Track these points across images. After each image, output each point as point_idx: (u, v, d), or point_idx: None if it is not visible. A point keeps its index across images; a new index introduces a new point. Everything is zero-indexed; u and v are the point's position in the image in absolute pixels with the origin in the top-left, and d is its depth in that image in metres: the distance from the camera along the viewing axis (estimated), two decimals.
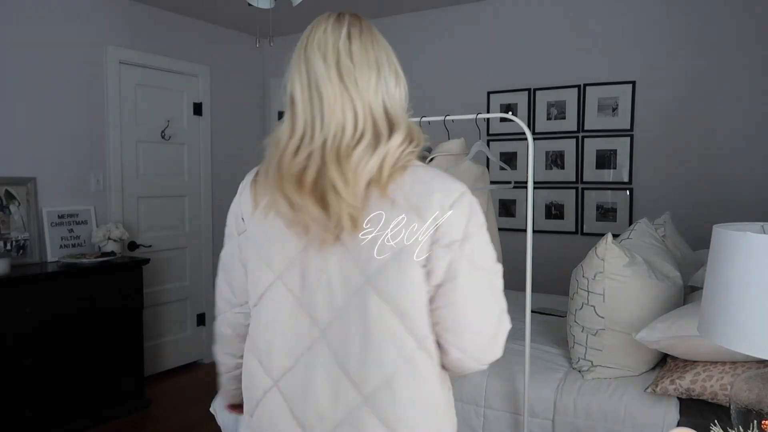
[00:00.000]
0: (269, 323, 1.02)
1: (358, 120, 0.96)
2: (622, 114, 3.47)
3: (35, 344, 2.88)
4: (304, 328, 0.99)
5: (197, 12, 4.07)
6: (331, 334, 0.97)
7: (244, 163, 4.42)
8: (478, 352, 0.99)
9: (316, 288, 0.98)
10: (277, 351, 1.01)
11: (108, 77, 3.64)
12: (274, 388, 1.01)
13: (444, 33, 4.03)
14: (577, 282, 2.02)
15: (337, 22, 1.02)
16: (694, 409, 1.74)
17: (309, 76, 0.99)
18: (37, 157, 3.32)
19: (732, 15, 3.17)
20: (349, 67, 0.98)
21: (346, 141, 0.95)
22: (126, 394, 3.32)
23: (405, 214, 0.94)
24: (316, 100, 0.98)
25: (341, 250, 0.96)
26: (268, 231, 1.02)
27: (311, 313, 0.98)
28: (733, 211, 3.16)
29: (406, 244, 0.94)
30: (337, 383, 0.96)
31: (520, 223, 3.79)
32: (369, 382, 0.94)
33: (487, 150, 2.59)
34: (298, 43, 1.05)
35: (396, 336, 0.94)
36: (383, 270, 0.94)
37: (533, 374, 2.01)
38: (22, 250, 3.20)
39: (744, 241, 0.99)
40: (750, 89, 3.14)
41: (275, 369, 1.01)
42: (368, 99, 0.98)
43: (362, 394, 0.95)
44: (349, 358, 0.95)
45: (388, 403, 0.94)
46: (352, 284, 0.95)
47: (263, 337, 1.03)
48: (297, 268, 0.99)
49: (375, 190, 0.95)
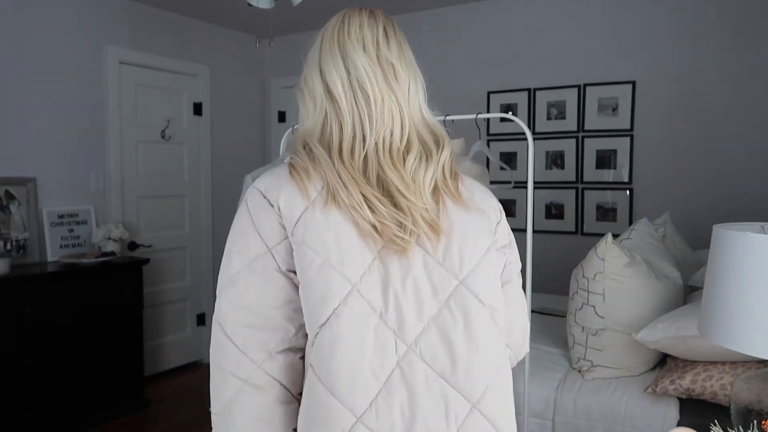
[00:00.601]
0: (349, 345, 0.84)
1: (404, 126, 0.94)
2: (622, 114, 3.47)
3: (35, 344, 2.88)
4: (388, 346, 0.86)
5: (197, 12, 4.07)
6: (422, 346, 0.87)
7: (244, 163, 4.43)
8: (519, 350, 1.07)
9: (402, 297, 0.87)
10: (361, 378, 0.84)
11: (108, 77, 3.64)
12: (359, 425, 0.84)
13: (444, 33, 4.03)
14: (577, 282, 2.02)
15: (372, 17, 0.98)
16: (694, 409, 1.74)
17: (349, 70, 0.93)
18: (37, 157, 3.32)
19: (732, 15, 3.17)
20: (390, 66, 0.95)
21: (395, 146, 0.92)
22: (126, 394, 3.32)
23: (480, 217, 0.96)
24: (362, 98, 0.93)
25: (422, 254, 0.89)
26: (336, 232, 0.87)
27: (395, 326, 0.86)
28: (733, 211, 3.16)
29: (489, 244, 0.95)
30: (444, 397, 0.87)
31: (520, 223, 3.78)
32: (478, 386, 0.90)
33: (487, 150, 2.59)
34: (326, 34, 0.98)
35: (494, 335, 0.93)
36: (476, 271, 0.92)
37: (533, 374, 2.01)
38: (22, 250, 3.20)
39: (744, 241, 0.99)
40: (750, 89, 3.14)
41: (360, 401, 0.84)
42: (408, 102, 0.95)
43: (471, 400, 0.89)
44: (456, 366, 0.88)
45: (495, 403, 0.92)
46: (444, 289, 0.89)
47: (342, 363, 0.84)
48: (376, 276, 0.87)
49: (447, 198, 0.94)
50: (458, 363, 0.88)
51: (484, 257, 0.93)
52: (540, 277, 3.55)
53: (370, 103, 0.92)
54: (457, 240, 0.92)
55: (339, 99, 0.93)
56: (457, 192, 0.95)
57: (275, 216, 0.89)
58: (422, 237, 0.89)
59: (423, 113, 0.97)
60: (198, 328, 4.30)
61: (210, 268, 4.34)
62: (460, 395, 0.88)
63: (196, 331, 4.28)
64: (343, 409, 0.84)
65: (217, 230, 4.34)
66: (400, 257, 0.88)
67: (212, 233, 4.34)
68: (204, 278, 4.32)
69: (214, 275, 4.31)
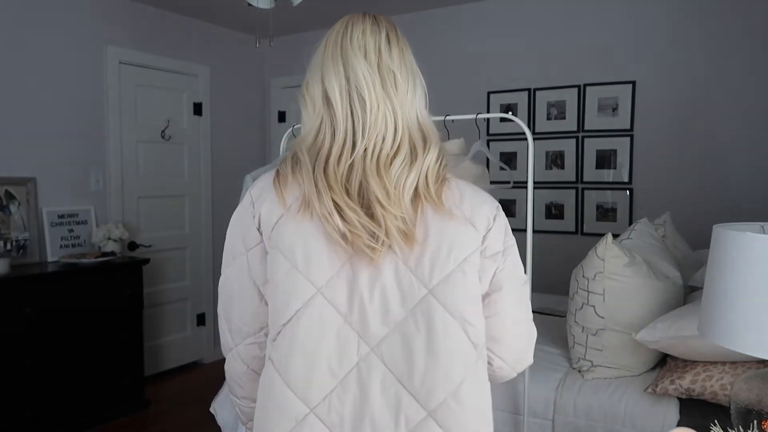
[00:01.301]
0: (307, 343, 0.91)
1: (398, 131, 0.95)
2: (622, 114, 3.47)
3: (35, 344, 2.88)
4: (350, 346, 0.91)
5: (197, 12, 4.07)
6: (384, 350, 0.91)
7: (244, 163, 4.43)
8: (515, 360, 1.04)
9: (368, 302, 0.91)
10: (318, 374, 0.91)
11: (108, 77, 3.64)
12: (311, 416, 0.91)
13: (444, 33, 4.03)
14: (577, 282, 2.02)
15: (375, 24, 1.00)
16: (694, 409, 1.74)
17: (348, 77, 0.96)
18: (37, 157, 3.32)
19: (732, 15, 3.17)
20: (391, 73, 0.97)
21: (385, 151, 0.94)
22: (126, 394, 3.32)
23: (462, 225, 0.95)
24: (358, 105, 0.95)
25: (395, 261, 0.92)
26: (305, 239, 0.92)
27: (360, 329, 0.92)
28: (733, 211, 3.16)
29: (467, 254, 0.95)
30: (397, 400, 0.91)
31: (520, 223, 3.78)
32: (436, 395, 0.91)
33: (487, 150, 2.58)
34: (329, 40, 1.00)
35: (463, 347, 0.93)
36: (448, 281, 0.93)
37: (533, 374, 2.01)
38: (22, 250, 3.20)
39: (744, 241, 0.99)
40: (750, 89, 3.14)
41: (314, 394, 0.91)
42: (406, 109, 0.97)
43: (428, 408, 0.91)
44: (413, 373, 0.91)
45: (454, 415, 0.92)
46: (412, 297, 0.92)
47: (298, 360, 0.92)
48: (343, 281, 0.92)
49: (428, 204, 0.94)
50: (415, 370, 0.91)
51: (459, 267, 0.93)
52: (540, 277, 3.55)
53: (366, 109, 0.94)
54: (431, 249, 0.93)
55: (336, 105, 0.95)
56: (440, 199, 0.94)
57: (254, 223, 0.97)
58: (395, 245, 0.91)
59: (419, 118, 0.99)
60: (198, 328, 4.30)
61: (210, 268, 4.33)
62: (416, 401, 0.91)
63: (196, 331, 4.28)
64: (297, 400, 0.92)
65: (217, 230, 4.34)
66: (369, 264, 0.91)
67: (212, 233, 4.34)
68: (204, 278, 4.32)
69: (214, 275, 4.31)
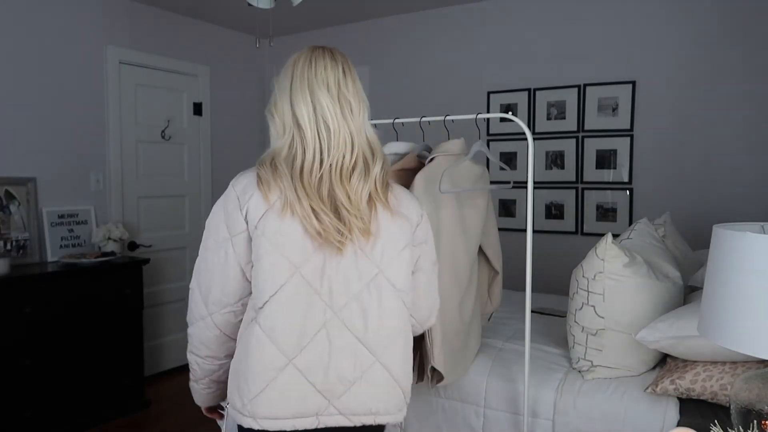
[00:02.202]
0: (287, 309, 1.18)
1: (354, 149, 1.23)
2: (622, 114, 3.47)
3: (35, 344, 2.88)
4: (318, 311, 1.19)
5: (197, 12, 4.07)
6: (345, 314, 1.21)
7: (244, 164, 4.43)
8: (424, 321, 1.44)
9: (334, 278, 1.20)
10: (295, 332, 1.18)
11: (108, 77, 3.64)
12: (290, 365, 1.18)
13: (444, 33, 4.03)
14: (577, 282, 2.02)
15: (333, 60, 1.26)
16: (694, 409, 1.74)
17: (315, 107, 1.22)
18: (37, 157, 3.32)
19: (732, 15, 3.17)
20: (348, 102, 1.24)
21: (345, 166, 1.21)
22: (126, 394, 3.32)
23: (403, 220, 1.28)
24: (324, 131, 1.21)
25: (354, 249, 1.22)
26: (287, 231, 1.18)
27: (326, 299, 1.20)
28: (733, 211, 3.16)
29: (406, 243, 1.28)
30: (354, 351, 1.22)
31: (520, 223, 3.79)
32: (380, 345, 1.24)
33: (487, 150, 2.58)
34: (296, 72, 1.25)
35: (401, 310, 1.28)
36: (392, 263, 1.25)
37: (533, 374, 2.01)
38: (22, 250, 3.20)
39: (744, 241, 0.99)
40: (750, 89, 3.14)
41: (291, 348, 1.18)
42: (358, 130, 1.24)
43: (375, 354, 1.24)
44: (366, 330, 1.22)
45: (393, 357, 1.26)
46: (367, 275, 1.23)
47: (281, 321, 1.17)
48: (316, 263, 1.19)
49: (379, 204, 1.24)
50: (369, 327, 1.23)
51: (400, 253, 1.27)
52: (540, 277, 3.55)
53: (330, 134, 1.21)
54: (382, 239, 1.24)
55: (305, 129, 1.21)
56: (386, 201, 1.25)
57: (241, 213, 1.20)
58: (356, 237, 1.21)
59: (367, 135, 1.26)
60: None
61: None
62: (367, 350, 1.23)
63: None
64: (279, 354, 1.18)
65: None
66: (336, 252, 1.20)
67: None
68: None
69: None
